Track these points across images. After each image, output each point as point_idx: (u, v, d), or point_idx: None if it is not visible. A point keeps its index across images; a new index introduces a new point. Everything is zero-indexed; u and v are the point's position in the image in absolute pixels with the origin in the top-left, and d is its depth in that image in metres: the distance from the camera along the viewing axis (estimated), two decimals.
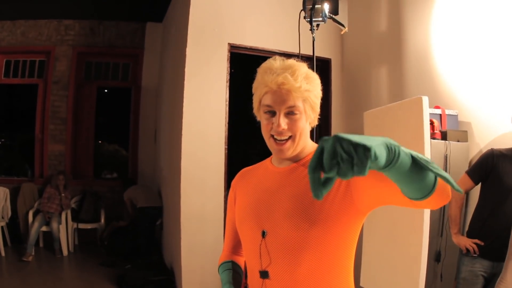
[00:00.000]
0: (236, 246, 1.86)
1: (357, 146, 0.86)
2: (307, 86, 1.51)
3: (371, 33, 5.40)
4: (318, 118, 1.62)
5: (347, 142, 0.86)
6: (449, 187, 1.17)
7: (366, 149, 0.85)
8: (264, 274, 1.53)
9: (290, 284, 1.48)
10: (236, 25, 5.37)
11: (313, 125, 1.63)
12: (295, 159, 1.61)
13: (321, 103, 1.61)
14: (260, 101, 1.57)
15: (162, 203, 7.02)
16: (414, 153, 1.04)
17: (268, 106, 1.52)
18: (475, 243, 3.29)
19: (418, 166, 1.04)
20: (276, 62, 1.54)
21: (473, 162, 3.82)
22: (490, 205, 3.27)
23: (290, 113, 1.51)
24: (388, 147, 0.95)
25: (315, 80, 1.57)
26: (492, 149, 3.32)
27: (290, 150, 1.54)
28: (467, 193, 3.69)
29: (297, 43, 3.91)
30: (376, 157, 0.87)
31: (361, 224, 1.55)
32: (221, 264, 1.82)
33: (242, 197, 1.73)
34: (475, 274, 3.31)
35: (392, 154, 0.96)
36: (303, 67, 1.54)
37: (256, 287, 1.58)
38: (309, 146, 1.64)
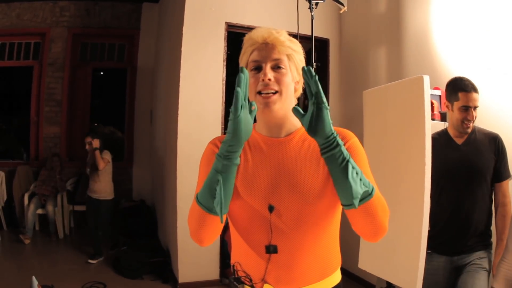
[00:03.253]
0: None
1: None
2: (291, 45, 1.57)
3: (370, 12, 5.33)
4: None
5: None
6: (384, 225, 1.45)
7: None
8: (272, 249, 1.52)
9: (297, 256, 1.51)
10: (233, 4, 5.32)
11: (297, 94, 1.65)
12: (286, 131, 1.61)
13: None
14: (247, 64, 1.59)
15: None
16: (353, 163, 1.34)
17: (254, 61, 1.55)
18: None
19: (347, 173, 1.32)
20: (261, 28, 1.59)
21: None
22: (432, 196, 3.11)
23: (276, 68, 1.54)
24: (334, 133, 1.32)
25: (298, 45, 1.62)
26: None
27: (277, 104, 1.52)
28: None
29: (295, 22, 3.84)
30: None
31: None
32: (198, 193, 1.49)
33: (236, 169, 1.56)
34: (433, 272, 3.18)
35: (333, 138, 1.32)
36: (285, 32, 1.60)
37: (259, 261, 1.55)
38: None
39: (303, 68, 1.31)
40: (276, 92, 1.52)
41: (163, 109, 6.70)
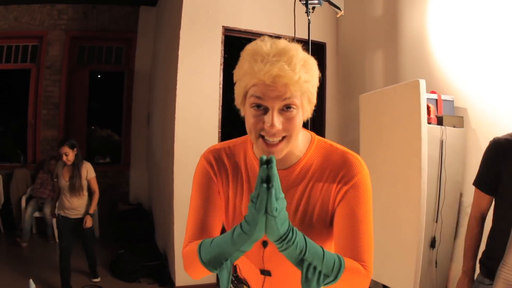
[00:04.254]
0: (206, 231, 1.49)
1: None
2: (306, 76, 1.26)
3: (367, 17, 5.34)
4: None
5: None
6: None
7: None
8: (266, 273, 1.50)
9: (291, 279, 1.42)
10: (230, 8, 5.32)
11: (307, 119, 1.38)
12: (288, 163, 1.44)
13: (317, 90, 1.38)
14: (245, 93, 1.32)
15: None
16: (310, 259, 1.19)
17: (258, 98, 1.26)
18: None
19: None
20: (265, 45, 1.26)
21: (469, 149, 3.80)
22: (497, 212, 2.48)
23: (284, 109, 1.27)
24: (290, 230, 1.14)
25: (314, 67, 1.32)
26: (494, 139, 2.54)
27: (284, 151, 1.32)
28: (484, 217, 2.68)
29: (292, 26, 3.85)
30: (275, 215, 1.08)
31: None
32: (204, 240, 1.34)
33: (228, 193, 1.52)
34: None
35: (285, 239, 1.14)
36: (299, 51, 1.28)
37: (256, 277, 1.53)
38: (301, 142, 1.45)
39: (261, 162, 1.07)
40: (284, 137, 1.30)
41: (160, 112, 6.70)
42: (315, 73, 1.31)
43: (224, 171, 1.51)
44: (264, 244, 1.45)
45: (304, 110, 1.32)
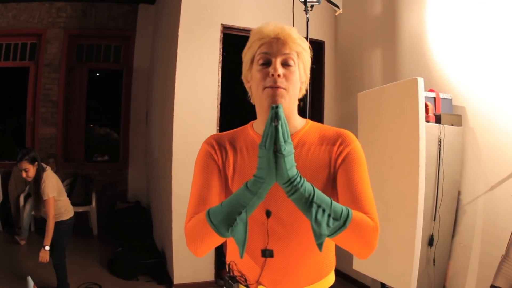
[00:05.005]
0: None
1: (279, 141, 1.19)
2: (301, 43, 1.52)
3: (365, 15, 5.34)
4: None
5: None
6: (369, 238, 1.40)
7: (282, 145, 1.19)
8: (268, 253, 1.53)
9: (292, 261, 1.52)
10: (229, 6, 5.32)
11: (301, 95, 1.60)
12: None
13: (311, 81, 1.55)
14: (253, 57, 1.53)
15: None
16: (318, 201, 1.28)
17: (264, 53, 1.48)
18: None
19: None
20: (270, 23, 1.53)
21: (467, 147, 3.81)
22: None
23: (285, 64, 1.48)
24: (298, 175, 1.25)
25: (307, 43, 1.56)
26: None
27: (284, 100, 1.47)
28: None
29: (290, 24, 3.83)
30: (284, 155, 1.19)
31: None
32: (210, 208, 1.39)
33: (232, 170, 1.58)
34: None
35: (294, 182, 1.24)
36: (296, 30, 1.55)
37: (256, 265, 1.56)
38: (298, 118, 1.63)
39: (271, 107, 1.21)
40: (284, 89, 1.47)
41: (158, 110, 6.70)
42: (308, 48, 1.56)
43: (224, 152, 1.61)
44: (268, 213, 1.50)
45: (300, 74, 1.53)
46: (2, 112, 9.34)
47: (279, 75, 1.44)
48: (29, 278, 4.01)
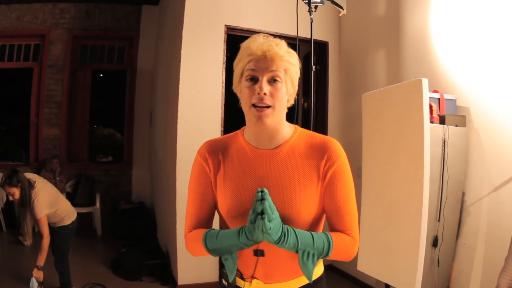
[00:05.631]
0: (203, 221, 1.80)
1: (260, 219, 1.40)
2: (289, 58, 1.58)
3: (369, 16, 5.34)
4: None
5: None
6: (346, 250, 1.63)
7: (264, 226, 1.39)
8: (259, 253, 1.64)
9: (282, 258, 1.64)
10: (232, 7, 5.32)
11: (289, 104, 1.69)
12: (275, 143, 1.68)
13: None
14: (242, 71, 1.61)
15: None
16: (304, 247, 1.51)
17: (251, 70, 1.56)
18: None
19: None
20: (259, 36, 1.60)
21: (471, 148, 3.80)
22: None
23: (272, 81, 1.56)
24: (282, 235, 1.46)
25: (296, 57, 1.63)
26: None
27: (270, 118, 1.57)
28: None
29: (294, 25, 3.84)
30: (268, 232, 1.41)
31: None
32: (209, 231, 1.65)
33: (223, 178, 1.72)
34: None
35: (280, 240, 1.45)
36: (285, 44, 1.62)
37: (249, 261, 1.69)
38: (286, 127, 1.70)
39: (257, 192, 1.45)
40: (269, 106, 1.55)
41: (162, 111, 6.70)
42: (297, 62, 1.63)
43: (217, 162, 1.73)
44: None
45: (287, 89, 1.61)
46: (6, 113, 9.36)
47: (265, 94, 1.53)
48: (33, 279, 4.01)
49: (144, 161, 8.35)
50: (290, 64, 1.58)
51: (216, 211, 1.80)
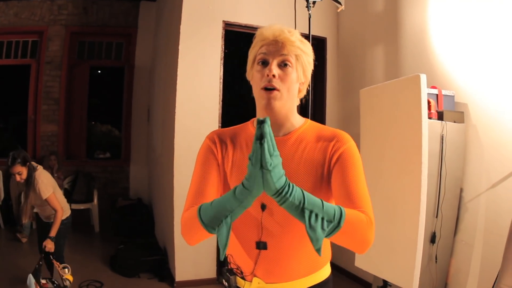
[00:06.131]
0: (203, 201, 1.58)
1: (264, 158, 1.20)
2: (301, 46, 1.57)
3: (368, 11, 5.33)
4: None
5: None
6: (363, 234, 1.44)
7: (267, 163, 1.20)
8: (262, 245, 1.58)
9: (286, 253, 1.57)
10: (230, 2, 5.31)
11: (301, 95, 1.67)
12: (284, 131, 1.64)
13: (313, 78, 1.56)
14: (255, 57, 1.60)
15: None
16: (310, 207, 1.31)
17: (263, 53, 1.56)
18: None
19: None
20: (274, 24, 1.59)
21: (469, 144, 3.80)
22: None
23: (283, 65, 1.54)
24: (286, 185, 1.27)
25: (309, 47, 1.62)
26: None
27: (278, 102, 1.54)
28: None
29: (292, 21, 3.84)
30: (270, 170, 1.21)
31: None
32: (202, 204, 1.46)
33: (231, 165, 1.65)
34: None
35: (282, 191, 1.26)
36: (298, 33, 1.59)
37: (250, 256, 1.61)
38: (296, 117, 1.68)
39: (258, 121, 1.23)
40: (278, 90, 1.53)
41: (160, 107, 6.69)
42: (310, 51, 1.62)
43: (225, 147, 1.68)
44: (263, 207, 1.56)
45: (298, 76, 1.58)
46: (4, 109, 9.35)
47: (274, 76, 1.52)
48: (31, 275, 4.00)
49: (142, 158, 8.35)
50: (301, 51, 1.57)
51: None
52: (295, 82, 1.58)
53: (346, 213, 1.36)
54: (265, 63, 1.56)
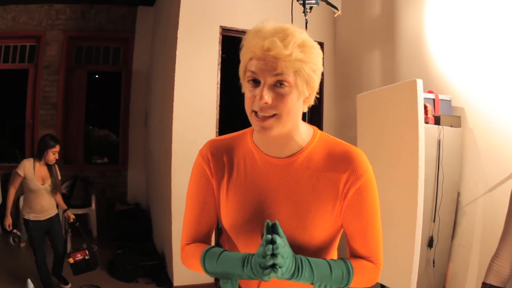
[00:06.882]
0: (202, 233, 1.56)
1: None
2: (301, 56, 1.24)
3: (364, 16, 5.34)
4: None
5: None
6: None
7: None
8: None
9: (287, 284, 1.38)
10: (228, 8, 5.32)
11: (309, 105, 1.40)
12: (288, 151, 1.42)
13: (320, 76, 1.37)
14: (245, 68, 1.31)
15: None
16: (320, 279, 1.30)
17: (252, 72, 1.27)
18: None
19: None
20: (268, 24, 1.29)
21: (466, 148, 3.80)
22: None
23: (277, 85, 1.26)
24: (296, 270, 1.25)
25: (313, 50, 1.31)
26: None
27: (275, 129, 1.30)
28: None
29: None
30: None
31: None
32: (208, 249, 1.41)
33: (226, 188, 1.49)
34: None
35: (292, 274, 1.24)
36: (299, 33, 1.28)
37: (251, 283, 1.52)
38: (302, 132, 1.44)
39: (266, 224, 1.24)
40: (275, 115, 1.29)
41: (158, 112, 6.69)
42: (315, 56, 1.32)
43: (220, 165, 1.50)
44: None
45: (301, 91, 1.30)
46: (1, 114, 9.32)
47: (266, 103, 1.26)
48: (29, 280, 4.00)
49: (140, 163, 8.34)
50: (301, 63, 1.25)
51: (218, 219, 1.58)
52: (297, 101, 1.31)
53: (354, 271, 1.36)
54: (255, 81, 1.29)
